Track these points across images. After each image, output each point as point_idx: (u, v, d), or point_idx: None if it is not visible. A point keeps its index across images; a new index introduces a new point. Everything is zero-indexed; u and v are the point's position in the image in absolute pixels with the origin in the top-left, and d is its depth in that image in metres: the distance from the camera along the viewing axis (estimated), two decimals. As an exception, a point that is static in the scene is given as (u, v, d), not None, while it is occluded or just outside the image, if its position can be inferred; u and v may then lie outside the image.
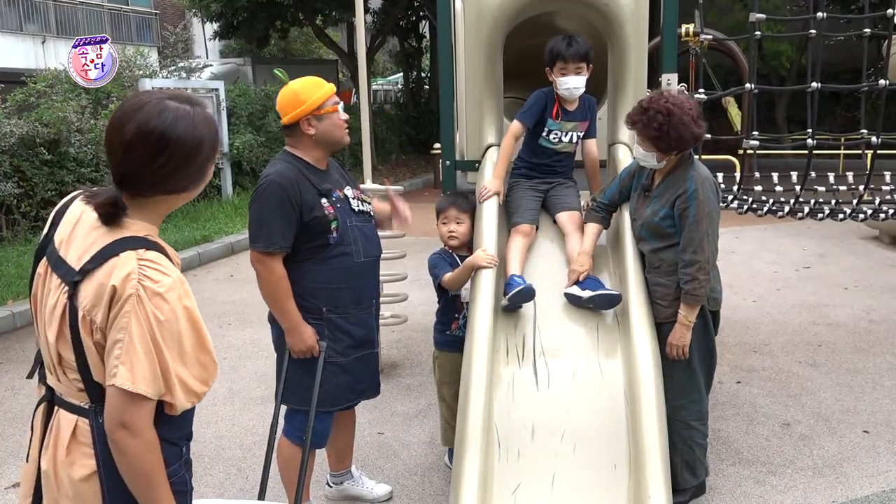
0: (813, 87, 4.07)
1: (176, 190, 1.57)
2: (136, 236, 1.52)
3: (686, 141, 2.84)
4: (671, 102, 2.81)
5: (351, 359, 2.83)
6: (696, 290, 2.84)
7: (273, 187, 2.63)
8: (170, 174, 1.53)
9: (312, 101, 2.67)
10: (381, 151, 16.65)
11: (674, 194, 2.90)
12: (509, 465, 2.59)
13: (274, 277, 2.66)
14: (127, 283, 1.45)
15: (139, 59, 10.76)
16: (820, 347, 5.08)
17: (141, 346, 1.44)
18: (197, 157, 1.55)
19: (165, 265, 1.50)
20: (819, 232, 8.76)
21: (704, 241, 2.83)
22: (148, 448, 1.50)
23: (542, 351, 2.88)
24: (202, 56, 20.12)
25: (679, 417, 2.96)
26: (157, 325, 1.45)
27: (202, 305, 5.68)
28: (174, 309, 1.47)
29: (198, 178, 1.60)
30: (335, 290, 2.75)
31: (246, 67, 16.74)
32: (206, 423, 4.11)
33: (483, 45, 3.59)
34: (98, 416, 1.53)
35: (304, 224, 2.65)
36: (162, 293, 1.46)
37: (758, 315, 5.81)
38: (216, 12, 14.00)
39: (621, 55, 3.53)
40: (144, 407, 1.48)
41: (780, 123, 17.47)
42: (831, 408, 4.11)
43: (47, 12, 17.76)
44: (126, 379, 1.44)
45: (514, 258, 3.09)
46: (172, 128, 1.51)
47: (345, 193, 2.81)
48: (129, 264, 1.46)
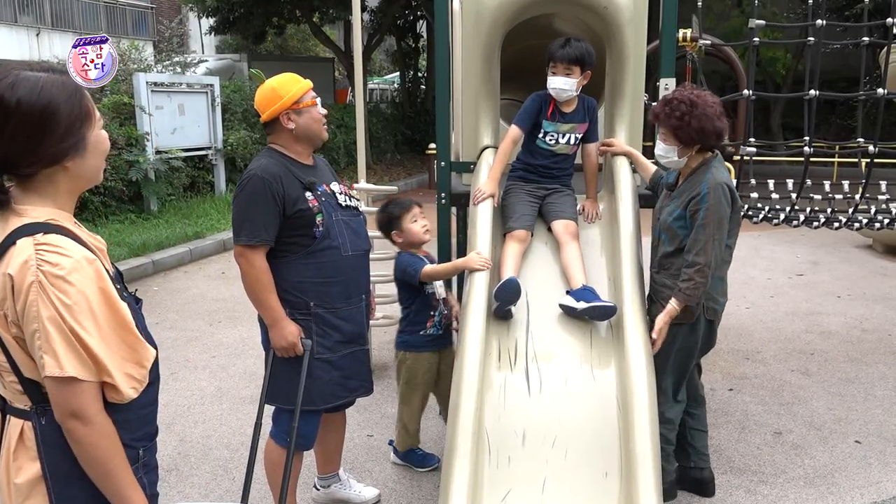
0: (811, 94, 4.06)
1: (52, 160, 1.46)
2: (35, 222, 1.45)
3: (707, 134, 2.86)
4: (695, 94, 2.89)
5: (340, 355, 2.80)
6: (690, 290, 2.84)
7: (255, 181, 2.63)
8: (28, 143, 1.44)
9: (291, 96, 2.69)
10: (377, 150, 16.61)
11: (689, 196, 2.91)
12: (500, 471, 2.56)
13: (255, 271, 2.64)
14: (26, 270, 1.39)
15: (133, 53, 10.68)
16: (812, 356, 5.07)
17: (56, 331, 1.40)
18: (52, 120, 1.44)
19: (67, 247, 1.43)
20: (813, 240, 8.77)
21: (709, 244, 2.83)
22: (101, 434, 1.47)
23: (535, 356, 2.85)
24: (198, 51, 20.06)
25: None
26: (66, 309, 1.40)
27: (192, 302, 5.60)
28: (81, 290, 1.42)
29: (74, 146, 1.48)
30: (322, 285, 2.73)
31: (242, 63, 16.65)
32: (193, 422, 4.07)
33: (481, 45, 3.55)
34: (41, 417, 1.49)
35: (288, 218, 2.65)
36: (63, 276, 1.40)
37: (751, 322, 5.80)
38: (212, 7, 13.92)
39: (619, 59, 3.50)
40: (84, 391, 1.44)
41: (776, 130, 17.53)
42: (823, 417, 4.10)
43: (42, 4, 17.65)
44: (53, 366, 1.41)
45: (508, 263, 3.06)
46: (11, 93, 1.41)
47: (331, 188, 2.81)
48: (26, 251, 1.41)
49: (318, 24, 16.47)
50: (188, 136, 10.50)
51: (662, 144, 2.96)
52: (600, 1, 3.36)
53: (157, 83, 10.01)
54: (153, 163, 9.52)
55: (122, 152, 9.30)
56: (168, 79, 10.40)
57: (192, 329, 5.68)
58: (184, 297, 6.62)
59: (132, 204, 9.63)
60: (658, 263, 3.08)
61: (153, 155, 9.65)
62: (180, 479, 3.48)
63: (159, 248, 8.00)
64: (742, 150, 4.27)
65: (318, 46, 19.06)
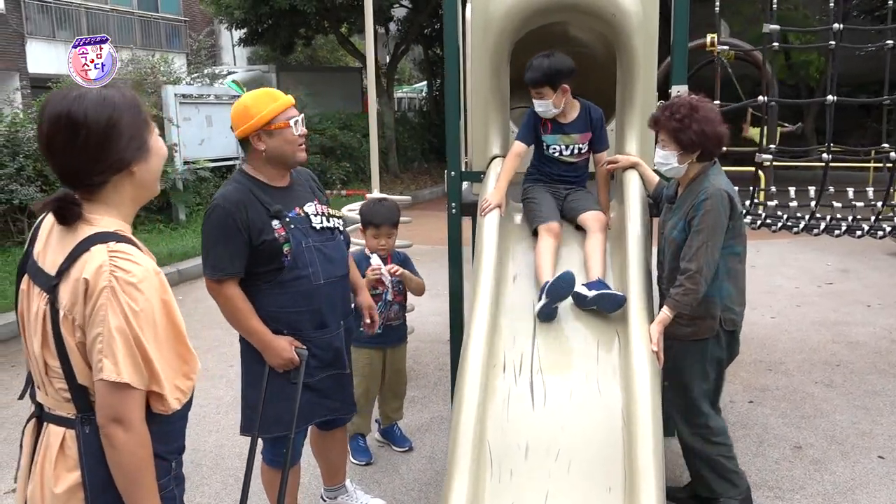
0: (829, 100, 3.96)
1: (119, 166, 1.55)
2: (106, 231, 1.52)
3: (708, 137, 2.82)
4: (696, 100, 2.87)
5: (318, 378, 2.72)
6: (679, 297, 2.81)
7: (217, 212, 2.52)
8: (99, 151, 1.52)
9: (262, 116, 2.52)
10: (403, 159, 16.68)
11: (689, 205, 2.87)
12: (501, 485, 2.53)
13: (230, 303, 2.55)
14: (99, 275, 1.46)
15: (163, 66, 10.89)
16: (838, 367, 4.94)
17: (120, 337, 1.45)
18: (118, 126, 1.53)
19: (137, 256, 1.51)
20: (843, 247, 8.55)
21: (701, 250, 2.79)
22: (139, 443, 1.50)
23: (540, 367, 2.82)
24: (230, 63, 20.38)
25: (697, 434, 3.03)
26: (133, 315, 1.45)
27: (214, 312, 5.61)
28: (149, 299, 1.48)
29: (139, 148, 1.58)
30: (293, 314, 2.61)
31: (270, 74, 16.86)
32: (207, 431, 4.11)
33: (489, 54, 3.54)
34: (85, 426, 1.53)
35: (254, 248, 2.53)
36: (135, 283, 1.47)
37: (775, 332, 5.68)
38: (240, 19, 14.12)
39: (629, 67, 3.46)
40: (133, 398, 1.48)
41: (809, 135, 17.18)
42: (846, 431, 3.98)
43: (79, 19, 18.11)
44: (111, 371, 1.45)
45: (545, 263, 3.01)
46: (78, 106, 1.51)
47: (305, 211, 2.65)
48: (100, 257, 1.47)
49: (345, 34, 16.61)
50: (215, 147, 10.66)
51: (661, 151, 2.90)
52: (608, 9, 3.33)
53: (186, 95, 10.19)
54: (181, 173, 9.69)
55: (151, 163, 9.48)
56: (196, 91, 10.57)
57: (212, 338, 5.74)
58: (205, 307, 6.69)
59: (161, 213, 9.82)
60: (667, 279, 3.03)
61: (181, 165, 9.81)
62: (191, 487, 3.51)
63: (185, 258, 8.12)
64: (758, 157, 4.19)
65: (348, 56, 19.22)
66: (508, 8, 3.41)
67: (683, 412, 3.06)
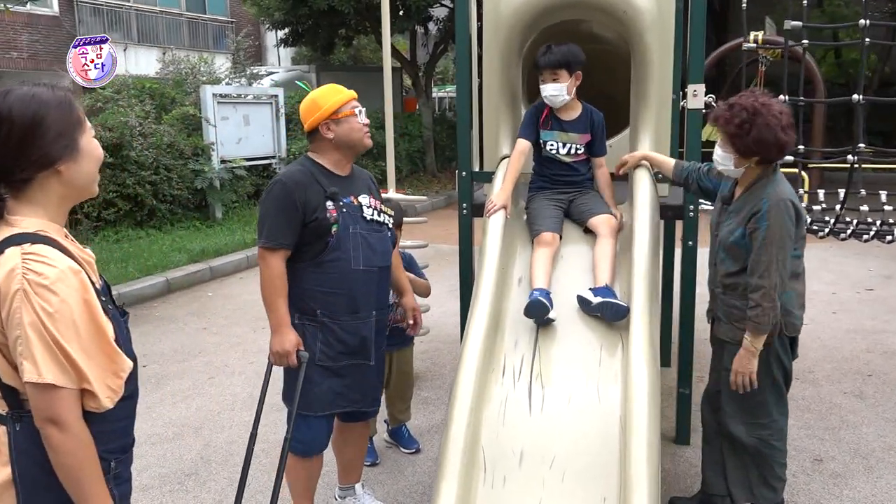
0: (855, 98, 3.81)
1: (43, 163, 1.54)
2: (24, 232, 1.51)
3: (767, 145, 2.65)
4: (760, 102, 2.66)
5: (341, 364, 2.81)
6: (759, 318, 2.68)
7: (279, 186, 2.70)
8: (23, 147, 1.52)
9: (329, 106, 2.75)
10: (441, 158, 16.67)
11: (749, 212, 2.73)
12: (494, 491, 2.48)
13: (271, 273, 2.69)
14: (11, 279, 1.45)
15: (203, 66, 11.09)
16: (870, 377, 4.74)
17: (37, 338, 1.44)
18: (43, 122, 1.52)
19: (53, 257, 1.49)
20: (887, 252, 8.21)
21: (772, 265, 2.65)
22: (78, 442, 1.50)
23: (540, 372, 2.76)
24: (274, 63, 20.68)
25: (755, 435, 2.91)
26: (48, 318, 1.45)
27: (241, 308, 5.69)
28: (64, 300, 1.47)
29: (66, 146, 1.56)
30: (329, 295, 2.74)
31: (310, 74, 17.04)
32: (220, 427, 4.15)
33: (500, 52, 3.50)
34: (15, 422, 1.53)
35: (306, 225, 2.69)
36: (47, 285, 1.45)
37: (807, 340, 5.48)
38: (280, 20, 14.29)
39: (642, 64, 3.38)
40: (62, 398, 1.48)
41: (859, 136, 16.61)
42: (871, 444, 3.82)
43: (130, 21, 18.59)
44: (32, 372, 1.45)
45: (538, 270, 2.99)
46: (3, 101, 1.51)
47: (359, 201, 2.81)
48: (13, 260, 1.46)
49: (385, 34, 16.65)
50: (252, 146, 10.81)
51: (720, 150, 2.76)
52: (619, 5, 3.26)
53: (224, 95, 10.36)
54: (218, 172, 9.85)
55: (189, 162, 9.67)
56: (234, 90, 10.74)
57: (236, 335, 5.81)
58: (234, 303, 6.79)
59: (198, 211, 10.00)
60: (722, 283, 2.90)
61: (218, 164, 9.98)
62: (198, 483, 3.56)
63: (218, 255, 8.26)
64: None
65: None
66: (518, 6, 3.37)
67: (747, 412, 2.92)
